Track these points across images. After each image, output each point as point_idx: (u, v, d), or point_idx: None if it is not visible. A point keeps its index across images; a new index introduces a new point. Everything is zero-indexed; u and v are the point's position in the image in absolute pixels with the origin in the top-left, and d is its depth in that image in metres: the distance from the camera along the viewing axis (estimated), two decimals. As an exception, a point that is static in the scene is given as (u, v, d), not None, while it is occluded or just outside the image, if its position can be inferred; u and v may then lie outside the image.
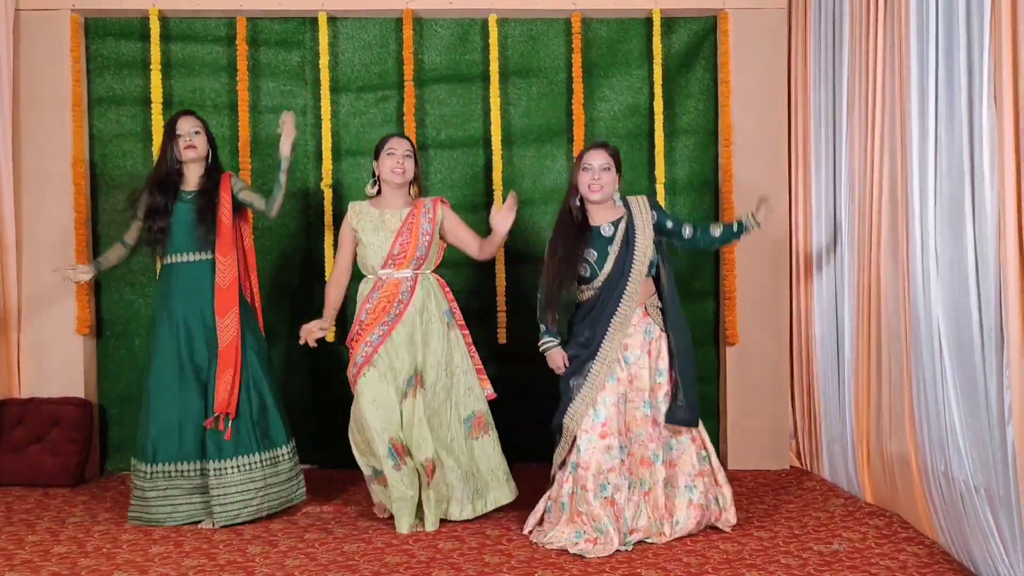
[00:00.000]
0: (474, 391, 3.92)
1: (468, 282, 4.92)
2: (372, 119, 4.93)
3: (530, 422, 4.90)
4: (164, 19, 4.82)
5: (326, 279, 4.79)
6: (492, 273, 4.87)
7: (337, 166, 4.87)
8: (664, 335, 3.60)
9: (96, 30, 4.84)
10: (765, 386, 4.84)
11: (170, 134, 4.00)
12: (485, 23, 4.89)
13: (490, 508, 3.89)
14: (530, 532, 3.63)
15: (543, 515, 3.65)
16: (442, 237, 3.99)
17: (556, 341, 3.62)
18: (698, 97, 4.98)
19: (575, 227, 3.58)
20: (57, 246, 4.67)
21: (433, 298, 3.87)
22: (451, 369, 3.86)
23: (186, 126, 3.98)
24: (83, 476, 4.63)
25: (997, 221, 2.90)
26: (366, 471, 3.88)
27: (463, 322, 4.02)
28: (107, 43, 4.85)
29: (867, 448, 4.06)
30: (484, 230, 4.95)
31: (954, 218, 3.19)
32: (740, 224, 3.68)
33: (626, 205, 3.64)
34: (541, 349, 3.67)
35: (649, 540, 3.52)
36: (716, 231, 3.69)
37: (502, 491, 3.92)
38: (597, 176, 3.54)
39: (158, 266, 4.30)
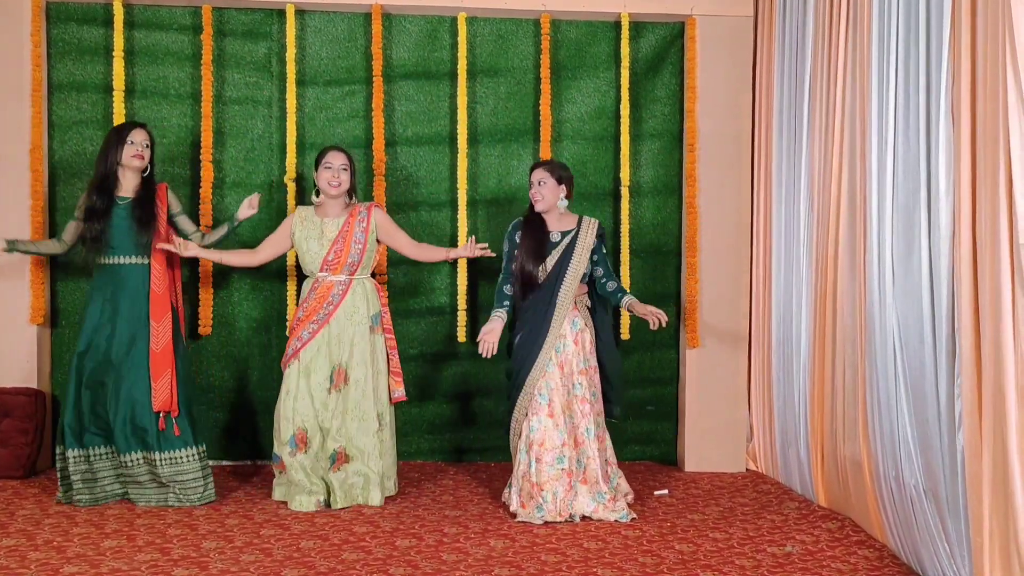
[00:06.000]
0: (385, 393, 4.21)
1: (430, 280, 4.93)
2: (338, 113, 4.90)
3: (487, 422, 4.94)
4: (128, 6, 4.75)
5: (288, 273, 4.77)
6: (454, 272, 4.87)
7: (301, 160, 4.83)
8: (588, 329, 4.08)
9: (58, 15, 4.75)
10: (723, 390, 4.89)
11: (118, 140, 4.13)
12: (454, 21, 4.89)
13: (388, 494, 4.19)
14: (512, 509, 3.96)
15: (517, 491, 3.97)
16: (380, 240, 4.26)
17: (503, 313, 4.05)
18: (664, 102, 5.03)
19: (537, 228, 4.12)
20: (13, 233, 4.56)
21: (365, 302, 4.16)
22: (376, 369, 4.16)
23: (140, 137, 4.15)
24: (34, 468, 4.55)
25: (951, 233, 2.96)
26: (275, 450, 4.12)
27: (391, 327, 4.29)
28: (69, 28, 4.76)
29: (821, 452, 4.13)
30: (450, 228, 4.97)
31: (910, 228, 3.25)
32: (618, 304, 4.11)
33: (580, 222, 4.10)
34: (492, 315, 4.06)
35: (593, 515, 3.89)
36: (609, 288, 4.09)
37: (392, 482, 4.23)
38: (536, 190, 4.07)
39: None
